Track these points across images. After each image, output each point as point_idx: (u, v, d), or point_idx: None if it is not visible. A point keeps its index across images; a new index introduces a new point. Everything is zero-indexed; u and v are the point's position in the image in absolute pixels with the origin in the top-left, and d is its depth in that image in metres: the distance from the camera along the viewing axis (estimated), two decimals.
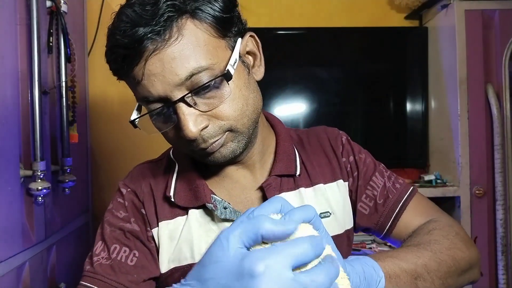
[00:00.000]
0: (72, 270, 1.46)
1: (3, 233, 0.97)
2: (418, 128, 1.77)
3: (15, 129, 1.04)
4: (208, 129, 0.61)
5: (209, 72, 0.59)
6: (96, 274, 0.69)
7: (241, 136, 0.65)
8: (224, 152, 0.65)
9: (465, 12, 1.54)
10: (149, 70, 0.59)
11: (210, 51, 0.60)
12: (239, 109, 0.63)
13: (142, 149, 1.84)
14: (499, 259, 1.51)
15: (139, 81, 0.61)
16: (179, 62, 0.58)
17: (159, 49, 0.57)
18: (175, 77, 0.58)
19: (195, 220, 0.71)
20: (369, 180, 0.77)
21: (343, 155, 0.79)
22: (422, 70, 1.77)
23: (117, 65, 0.62)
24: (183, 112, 0.60)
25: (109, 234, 0.72)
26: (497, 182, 1.50)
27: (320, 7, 1.85)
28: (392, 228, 0.75)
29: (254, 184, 0.74)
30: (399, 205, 0.76)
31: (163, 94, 0.60)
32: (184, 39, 0.58)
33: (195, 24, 0.59)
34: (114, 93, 1.83)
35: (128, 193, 0.75)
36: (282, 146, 0.76)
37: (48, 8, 1.22)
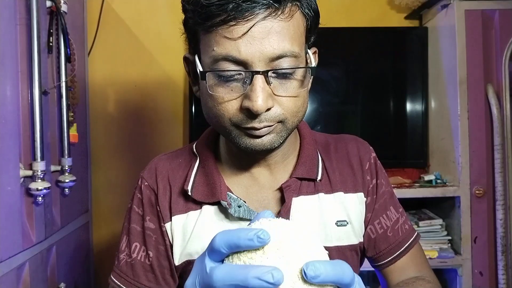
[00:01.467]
0: (72, 270, 1.46)
1: (3, 233, 0.97)
2: (418, 128, 1.77)
3: (15, 129, 1.04)
4: (270, 111, 0.62)
5: (295, 60, 0.62)
6: (121, 273, 0.75)
7: (285, 132, 0.66)
8: (265, 140, 0.65)
9: (465, 12, 1.54)
10: (253, 32, 0.59)
11: (301, 43, 0.64)
12: (298, 107, 0.65)
13: (142, 149, 1.84)
14: (499, 259, 1.51)
15: (233, 37, 0.59)
16: (280, 38, 0.60)
17: (271, 18, 0.59)
18: (270, 49, 0.59)
19: (209, 216, 0.71)
20: (387, 210, 0.79)
21: (367, 172, 0.78)
22: (422, 70, 1.77)
23: (222, 12, 0.58)
24: (260, 85, 0.60)
25: (131, 230, 0.76)
26: (497, 182, 1.50)
27: (320, 7, 1.84)
28: (389, 264, 0.77)
29: (273, 185, 0.74)
30: (404, 245, 0.78)
31: (250, 60, 0.59)
32: (291, 22, 0.61)
33: (300, 15, 0.63)
34: (114, 93, 1.83)
35: (145, 188, 0.77)
36: (305, 150, 0.76)
37: (48, 8, 1.22)
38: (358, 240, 0.76)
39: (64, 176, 1.30)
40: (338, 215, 0.74)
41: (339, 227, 0.73)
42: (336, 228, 0.73)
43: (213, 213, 0.71)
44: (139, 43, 1.83)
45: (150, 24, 1.83)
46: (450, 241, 1.58)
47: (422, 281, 0.74)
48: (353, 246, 0.75)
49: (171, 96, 1.84)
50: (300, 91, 0.63)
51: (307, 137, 0.78)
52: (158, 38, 1.83)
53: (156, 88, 1.84)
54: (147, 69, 1.84)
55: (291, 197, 0.71)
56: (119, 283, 0.75)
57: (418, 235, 0.81)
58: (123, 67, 1.83)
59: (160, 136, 1.84)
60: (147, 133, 1.83)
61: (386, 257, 0.77)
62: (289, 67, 0.61)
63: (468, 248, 1.53)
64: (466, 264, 1.53)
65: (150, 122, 1.83)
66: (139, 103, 1.83)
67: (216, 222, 0.71)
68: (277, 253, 0.49)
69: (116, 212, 1.82)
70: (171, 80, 1.84)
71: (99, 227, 1.80)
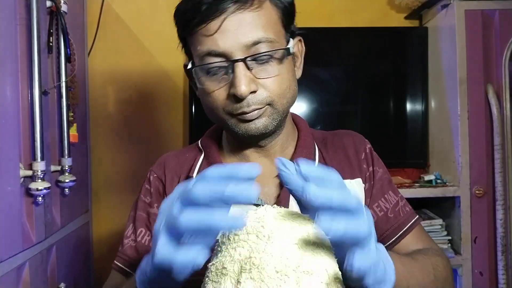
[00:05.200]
0: (72, 270, 1.46)
1: (3, 233, 0.97)
2: (418, 128, 1.77)
3: (15, 129, 1.04)
4: (255, 94, 0.68)
5: (271, 45, 0.68)
6: (125, 255, 0.78)
7: (276, 115, 0.71)
8: (258, 124, 0.70)
9: (465, 12, 1.54)
10: (226, 26, 0.66)
11: (277, 31, 0.70)
12: (283, 88, 0.70)
13: (142, 149, 1.84)
14: (499, 259, 1.51)
15: (210, 33, 0.67)
16: (253, 27, 0.66)
17: (240, 11, 0.66)
18: (244, 38, 0.66)
19: None
20: (385, 194, 0.81)
21: (364, 161, 0.81)
22: (422, 70, 1.76)
23: (196, 14, 0.67)
24: (241, 71, 0.66)
25: (138, 217, 0.79)
26: (497, 182, 1.50)
27: (320, 7, 1.85)
28: (394, 244, 0.79)
29: (271, 173, 0.78)
30: (407, 225, 0.80)
31: (229, 50, 0.66)
32: (262, 11, 0.68)
33: (271, 5, 0.70)
34: (114, 93, 1.83)
35: (154, 179, 0.81)
36: (303, 140, 0.81)
37: (48, 8, 1.22)
38: None
39: (64, 176, 1.30)
40: None
41: None
42: None
43: None
44: (139, 43, 1.83)
45: (150, 24, 1.83)
46: (450, 241, 1.58)
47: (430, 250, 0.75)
48: None
49: (171, 96, 1.84)
50: (280, 70, 0.69)
51: (304, 130, 0.83)
52: (158, 38, 1.83)
53: (156, 88, 1.84)
54: (147, 69, 1.83)
55: None
56: (121, 265, 0.77)
57: (420, 218, 0.82)
58: (123, 67, 1.83)
59: (160, 136, 1.84)
60: (147, 133, 1.83)
61: (390, 238, 0.79)
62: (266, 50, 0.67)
63: (468, 248, 1.53)
64: (466, 264, 1.53)
65: (150, 122, 1.83)
66: (139, 103, 1.84)
67: None
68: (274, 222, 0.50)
69: (116, 212, 1.82)
70: (171, 80, 1.84)
71: (99, 227, 1.80)
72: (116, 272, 0.78)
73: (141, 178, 1.97)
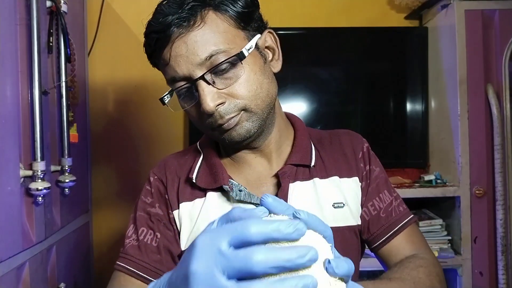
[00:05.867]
0: (72, 270, 1.46)
1: (3, 233, 0.97)
2: (418, 128, 1.77)
3: (15, 129, 1.04)
4: (225, 106, 0.69)
5: (226, 54, 0.68)
6: (127, 255, 0.78)
7: (255, 117, 0.72)
8: (240, 130, 0.72)
9: (465, 12, 1.54)
10: (175, 52, 0.69)
11: (229, 38, 0.69)
12: (253, 90, 0.70)
13: (142, 149, 1.84)
14: (499, 259, 1.51)
15: (167, 62, 0.71)
16: (201, 45, 0.68)
17: (184, 33, 0.68)
18: (196, 57, 0.68)
19: (213, 201, 0.77)
20: (379, 193, 0.82)
21: (361, 160, 0.83)
22: (422, 70, 1.76)
23: (151, 49, 0.73)
24: (203, 89, 0.68)
25: (139, 218, 0.80)
26: (497, 182, 1.50)
27: (320, 7, 1.85)
28: (384, 244, 0.79)
29: (270, 172, 0.80)
30: (398, 225, 0.80)
31: (187, 73, 0.69)
32: (206, 26, 0.68)
33: (217, 15, 0.70)
34: (114, 93, 1.83)
35: (155, 181, 0.83)
36: (299, 140, 0.81)
37: (48, 8, 1.22)
38: (356, 222, 0.79)
39: (64, 176, 1.30)
40: (335, 197, 0.78)
41: (336, 208, 0.77)
42: (333, 210, 0.77)
43: (217, 198, 0.77)
44: (139, 43, 1.81)
45: None
46: (450, 241, 1.58)
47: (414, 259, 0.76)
48: (351, 227, 0.78)
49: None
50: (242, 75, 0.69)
51: (300, 129, 0.83)
52: None
53: (156, 88, 1.84)
54: (147, 69, 1.82)
55: (288, 183, 0.76)
56: (124, 264, 0.78)
57: (414, 217, 0.83)
58: (123, 67, 1.83)
59: (160, 136, 1.84)
60: (147, 133, 1.83)
61: (380, 238, 0.80)
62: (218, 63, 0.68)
63: (468, 248, 1.53)
64: (466, 264, 1.53)
65: (150, 122, 1.83)
66: (139, 103, 1.84)
67: (219, 205, 0.77)
68: None
69: (116, 212, 1.82)
70: None
71: (99, 227, 1.80)
72: (119, 272, 0.79)
73: (141, 178, 1.98)
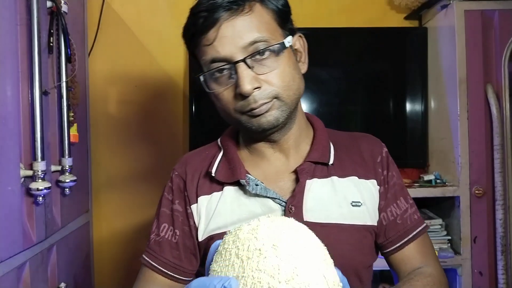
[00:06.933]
0: (72, 270, 1.46)
1: (3, 233, 0.97)
2: (418, 128, 1.77)
3: (16, 129, 1.05)
4: (260, 90, 0.73)
5: (267, 43, 0.73)
6: (150, 250, 0.84)
7: (285, 107, 0.75)
8: (269, 117, 0.74)
9: (464, 12, 1.54)
10: (222, 33, 0.72)
11: (271, 29, 0.75)
12: (286, 81, 0.75)
13: (142, 149, 1.84)
14: (498, 259, 1.51)
15: (210, 42, 0.73)
16: (247, 30, 0.72)
17: (233, 17, 0.72)
18: (241, 41, 0.72)
19: (229, 195, 0.80)
20: (397, 199, 0.84)
21: (379, 165, 0.84)
22: (421, 70, 1.77)
23: (196, 27, 0.74)
24: (242, 71, 0.72)
25: (161, 214, 0.85)
26: (496, 182, 1.50)
27: (320, 7, 1.86)
28: (397, 250, 0.82)
29: (287, 168, 0.82)
30: (412, 233, 0.83)
31: (228, 54, 0.72)
32: (253, 14, 0.73)
33: (262, 7, 0.75)
34: (114, 93, 1.83)
35: (175, 177, 0.86)
36: (318, 138, 0.84)
37: (48, 8, 1.22)
38: (373, 222, 0.81)
39: (65, 176, 1.30)
40: (353, 196, 0.80)
41: (354, 207, 0.79)
42: (351, 208, 0.79)
43: (234, 192, 0.81)
44: (139, 43, 1.83)
45: (150, 24, 1.83)
46: (450, 241, 1.58)
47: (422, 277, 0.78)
48: (368, 226, 0.80)
49: (171, 96, 1.84)
50: (280, 64, 0.74)
51: (319, 129, 0.87)
52: (158, 38, 1.83)
53: (156, 88, 1.84)
54: (147, 69, 1.84)
55: (305, 179, 0.79)
56: (147, 259, 0.83)
57: (427, 226, 0.86)
58: (123, 67, 1.83)
59: (160, 136, 1.84)
60: (147, 133, 1.84)
61: (394, 244, 0.82)
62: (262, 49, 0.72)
63: (468, 248, 1.53)
64: (465, 264, 1.53)
65: (150, 122, 1.84)
66: (139, 103, 1.84)
67: (235, 199, 0.80)
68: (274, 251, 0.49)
69: (117, 212, 1.82)
70: (171, 80, 1.84)
71: (99, 227, 1.80)
72: (145, 267, 0.84)
73: (141, 177, 1.98)
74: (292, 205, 0.77)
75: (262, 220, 0.55)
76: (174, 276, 0.82)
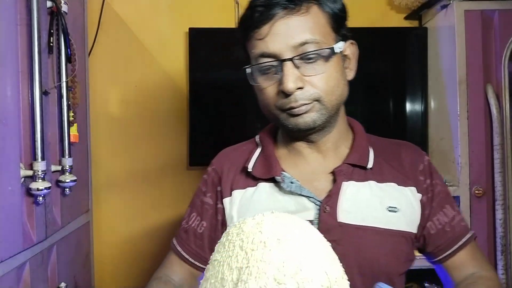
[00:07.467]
0: (72, 269, 1.46)
1: (3, 233, 0.97)
2: (418, 128, 1.77)
3: (16, 129, 1.05)
4: (302, 91, 0.73)
5: (318, 46, 0.73)
6: (178, 236, 0.89)
7: (324, 110, 0.76)
8: (307, 119, 0.75)
9: (464, 12, 1.54)
10: (275, 29, 0.73)
11: (324, 33, 0.75)
12: (330, 86, 0.75)
13: (142, 149, 1.84)
14: (498, 259, 1.51)
15: (262, 37, 0.74)
16: (300, 30, 0.73)
17: (288, 16, 0.73)
18: (292, 40, 0.72)
19: (264, 191, 0.82)
20: (443, 207, 0.83)
21: (421, 173, 0.83)
22: (421, 70, 1.77)
23: (251, 21, 0.75)
24: (288, 69, 0.73)
25: (193, 203, 0.89)
26: (496, 182, 1.50)
27: None
28: (448, 257, 0.82)
29: (324, 169, 0.82)
30: (462, 240, 0.82)
31: (278, 51, 0.73)
32: (309, 16, 0.74)
33: (319, 10, 0.75)
34: (114, 93, 1.84)
35: (212, 171, 0.89)
36: (358, 142, 0.84)
37: (48, 8, 1.22)
38: (410, 229, 0.79)
39: (65, 176, 1.30)
40: (390, 201, 0.79)
41: (390, 212, 0.78)
42: (387, 213, 0.78)
43: (268, 188, 0.82)
44: (139, 43, 1.83)
45: (150, 24, 1.83)
46: None
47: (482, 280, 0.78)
48: (403, 233, 0.79)
49: (171, 96, 1.84)
50: (327, 68, 0.74)
51: (359, 133, 0.87)
52: (158, 38, 1.83)
53: (156, 88, 1.84)
54: (147, 69, 1.84)
55: (342, 181, 0.79)
56: (175, 244, 0.88)
57: (475, 233, 0.85)
58: (123, 67, 1.83)
59: (160, 136, 1.84)
60: (147, 133, 1.84)
61: (445, 251, 0.82)
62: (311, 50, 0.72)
63: None
64: None
65: (150, 122, 1.84)
66: (140, 103, 1.84)
67: (270, 195, 0.81)
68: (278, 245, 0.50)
69: (117, 212, 1.83)
70: (172, 80, 1.84)
71: (100, 227, 1.80)
72: (171, 251, 0.88)
73: (141, 178, 1.98)
74: (327, 205, 0.77)
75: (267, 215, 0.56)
76: (195, 264, 0.85)
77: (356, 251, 0.75)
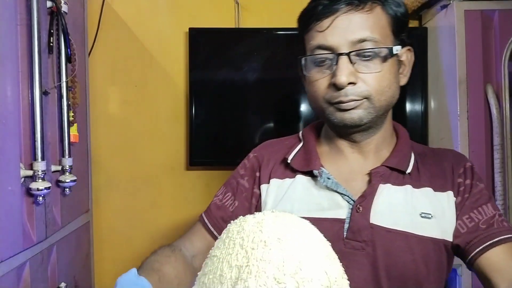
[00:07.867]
0: (72, 269, 1.46)
1: (3, 233, 0.97)
2: (418, 128, 1.77)
3: (16, 129, 1.05)
4: (354, 86, 0.74)
5: (376, 44, 0.74)
6: (208, 210, 0.91)
7: (372, 110, 0.76)
8: (353, 115, 0.75)
9: (464, 12, 1.54)
10: (336, 23, 0.74)
11: (383, 33, 0.75)
12: (382, 86, 0.75)
13: (142, 149, 1.84)
14: None
15: (322, 30, 0.75)
16: (360, 27, 0.73)
17: (351, 12, 0.73)
18: (351, 35, 0.73)
19: (301, 183, 0.83)
20: (479, 206, 0.79)
21: (461, 176, 0.81)
22: (421, 70, 1.77)
23: (314, 13, 0.76)
24: (343, 63, 0.73)
25: (229, 183, 0.92)
26: (496, 182, 1.50)
27: None
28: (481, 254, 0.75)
29: (363, 170, 0.82)
30: (499, 237, 0.75)
31: (336, 45, 0.74)
32: (371, 15, 0.74)
33: (382, 11, 0.76)
34: (114, 93, 1.84)
35: (253, 157, 0.92)
36: (400, 146, 0.85)
37: (48, 8, 1.22)
38: (443, 237, 0.77)
39: (65, 176, 1.30)
40: (423, 207, 0.77)
41: (423, 218, 0.77)
42: (419, 218, 0.77)
43: (305, 181, 0.83)
44: (139, 43, 1.83)
45: (150, 24, 1.83)
46: None
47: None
48: (436, 240, 0.76)
49: (171, 96, 1.84)
50: (381, 68, 0.74)
51: (403, 138, 0.87)
52: (158, 38, 1.83)
53: (156, 88, 1.84)
54: (147, 69, 1.84)
55: (378, 183, 0.79)
56: (203, 216, 0.90)
57: None
58: (123, 67, 1.83)
59: (160, 136, 1.84)
60: (147, 133, 1.84)
61: (477, 246, 0.75)
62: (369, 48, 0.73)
63: None
64: None
65: (150, 122, 1.84)
66: (140, 103, 1.84)
67: (306, 188, 0.82)
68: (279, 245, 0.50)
69: (117, 212, 1.83)
70: (171, 80, 1.84)
71: (100, 227, 1.80)
72: (199, 222, 0.90)
73: (141, 177, 1.98)
74: (361, 205, 0.77)
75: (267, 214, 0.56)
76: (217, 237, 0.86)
77: (385, 254, 0.75)
